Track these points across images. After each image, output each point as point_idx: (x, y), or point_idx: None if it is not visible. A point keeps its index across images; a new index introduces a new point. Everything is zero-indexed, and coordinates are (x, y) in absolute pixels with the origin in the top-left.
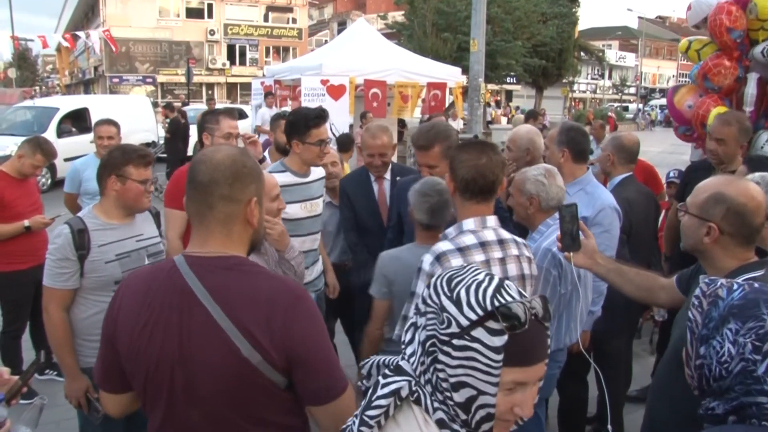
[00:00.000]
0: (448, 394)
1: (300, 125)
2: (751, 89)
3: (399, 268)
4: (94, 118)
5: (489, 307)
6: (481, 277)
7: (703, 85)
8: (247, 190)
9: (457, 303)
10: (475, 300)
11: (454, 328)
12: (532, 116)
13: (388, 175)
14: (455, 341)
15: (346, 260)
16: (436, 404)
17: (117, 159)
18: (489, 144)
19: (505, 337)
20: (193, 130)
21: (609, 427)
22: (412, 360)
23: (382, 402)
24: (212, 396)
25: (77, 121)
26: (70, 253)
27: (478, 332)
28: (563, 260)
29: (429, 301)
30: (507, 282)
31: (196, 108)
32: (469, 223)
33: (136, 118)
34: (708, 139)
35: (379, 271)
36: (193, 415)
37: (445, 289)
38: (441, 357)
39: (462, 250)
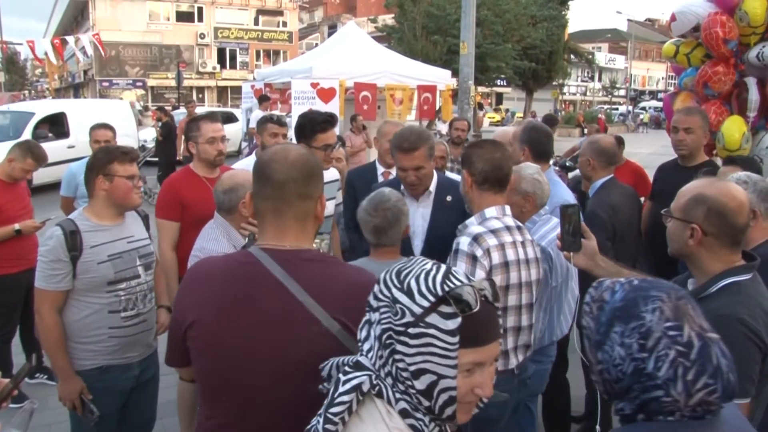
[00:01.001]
0: (410, 382)
1: (307, 129)
2: (753, 95)
3: None
4: (72, 123)
5: (440, 293)
6: (428, 266)
7: (703, 93)
8: (318, 186)
9: (409, 293)
10: (426, 287)
11: (408, 318)
12: (551, 121)
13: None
14: (411, 330)
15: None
16: (398, 395)
17: (102, 159)
18: (499, 142)
19: (459, 320)
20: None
21: (597, 427)
22: (370, 355)
23: (345, 398)
24: (296, 381)
25: (54, 126)
26: (62, 255)
27: (432, 318)
28: (552, 253)
29: (380, 296)
30: (454, 269)
31: (186, 112)
32: (491, 211)
33: (116, 123)
34: (674, 131)
35: None
36: (270, 403)
37: (395, 282)
38: (398, 347)
39: (494, 232)
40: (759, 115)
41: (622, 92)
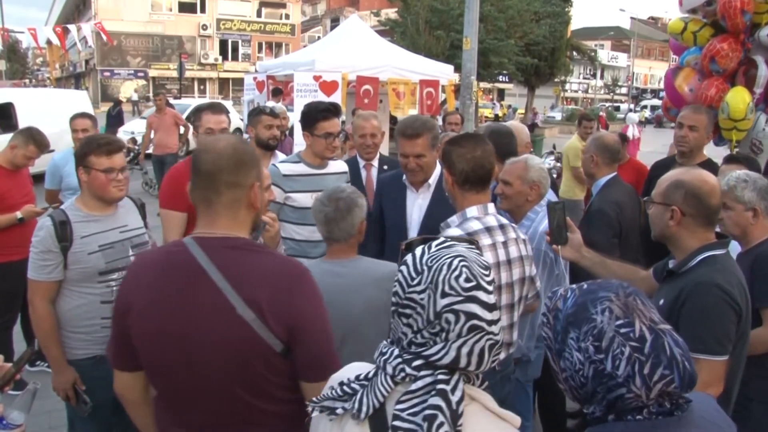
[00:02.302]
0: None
1: (310, 117)
2: (763, 71)
3: None
4: (21, 114)
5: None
6: (448, 259)
7: (709, 68)
8: (250, 175)
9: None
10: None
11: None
12: (584, 119)
13: (375, 163)
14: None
15: None
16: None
17: (80, 150)
18: (479, 136)
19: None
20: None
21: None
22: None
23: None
24: (214, 366)
25: (0, 117)
26: (52, 245)
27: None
28: None
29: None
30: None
31: (185, 103)
32: (472, 211)
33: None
34: (678, 127)
35: None
36: (196, 386)
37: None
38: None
39: (472, 235)
40: (763, 94)
41: (624, 90)
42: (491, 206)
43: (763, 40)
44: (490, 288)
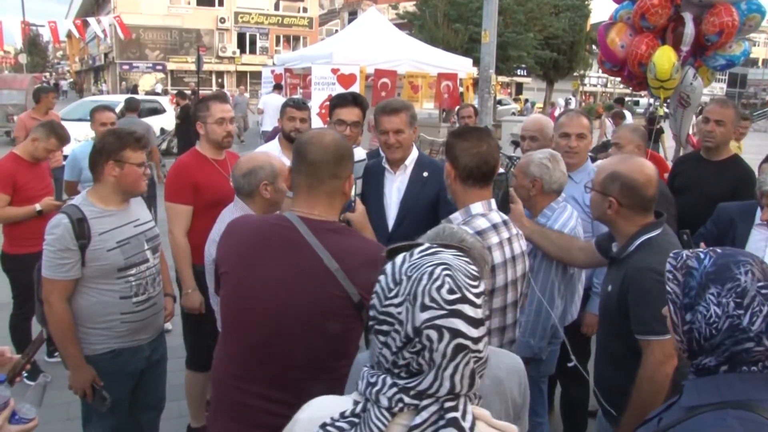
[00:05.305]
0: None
1: (330, 104)
2: (689, 29)
3: None
4: None
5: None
6: (430, 267)
7: (639, 24)
8: (348, 167)
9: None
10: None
11: (484, 287)
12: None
13: None
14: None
15: None
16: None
17: (113, 144)
18: (485, 130)
19: None
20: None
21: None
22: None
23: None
24: (300, 319)
25: None
26: (71, 243)
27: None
28: None
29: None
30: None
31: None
32: (477, 207)
33: None
34: (704, 122)
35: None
36: (278, 340)
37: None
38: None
39: (480, 234)
40: (691, 51)
41: None
42: (493, 202)
43: None
44: (478, 301)
